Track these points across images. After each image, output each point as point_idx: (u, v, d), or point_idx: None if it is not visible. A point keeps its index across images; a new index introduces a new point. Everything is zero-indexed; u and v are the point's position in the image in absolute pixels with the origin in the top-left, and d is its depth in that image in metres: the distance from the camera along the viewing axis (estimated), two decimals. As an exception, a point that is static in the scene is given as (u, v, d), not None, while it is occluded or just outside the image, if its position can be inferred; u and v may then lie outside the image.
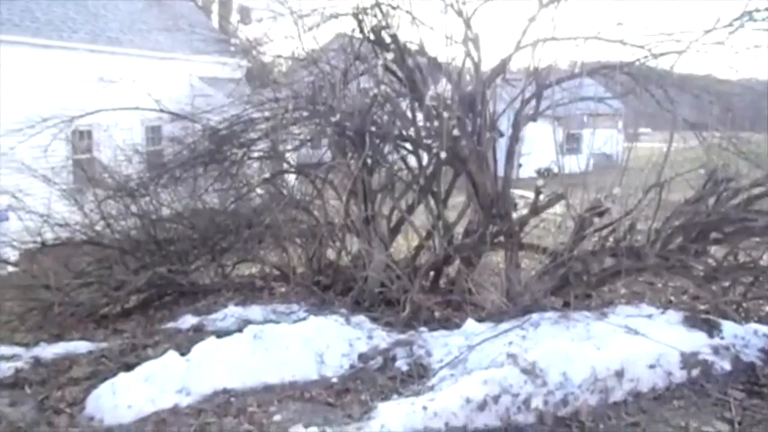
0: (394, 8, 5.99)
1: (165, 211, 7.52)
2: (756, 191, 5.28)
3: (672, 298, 6.24)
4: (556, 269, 5.46)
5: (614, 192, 5.33)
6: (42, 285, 6.74)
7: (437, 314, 5.78)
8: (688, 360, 4.23)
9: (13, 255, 8.15)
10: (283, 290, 6.77)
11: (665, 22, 6.36)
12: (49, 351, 5.28)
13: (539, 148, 7.58)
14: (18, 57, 12.65)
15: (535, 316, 4.80)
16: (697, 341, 4.41)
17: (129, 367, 4.45)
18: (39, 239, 7.20)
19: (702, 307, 5.51)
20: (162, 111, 7.86)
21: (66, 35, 14.17)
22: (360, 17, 6.05)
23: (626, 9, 5.97)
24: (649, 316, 4.84)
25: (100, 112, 7.84)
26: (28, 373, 4.75)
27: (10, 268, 8.47)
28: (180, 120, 8.08)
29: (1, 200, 9.56)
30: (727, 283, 5.53)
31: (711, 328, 4.59)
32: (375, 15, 6.00)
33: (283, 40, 7.40)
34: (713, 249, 5.55)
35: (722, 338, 4.49)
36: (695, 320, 4.74)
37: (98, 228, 7.28)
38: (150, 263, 6.95)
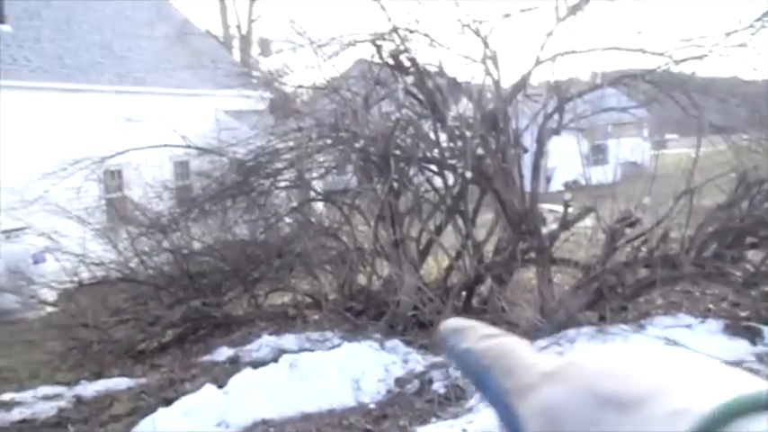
0: (411, 32, 6.05)
1: (197, 245, 7.61)
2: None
3: (710, 306, 6.10)
4: (589, 283, 5.40)
5: (644, 201, 5.27)
6: (81, 324, 6.85)
7: (472, 334, 5.72)
8: (732, 369, 4.13)
9: (51, 295, 8.30)
10: (316, 317, 6.78)
11: (684, 28, 6.34)
12: (90, 389, 5.37)
13: (565, 160, 7.53)
14: (50, 102, 13.01)
15: (571, 332, 4.75)
16: (739, 349, 4.31)
17: (168, 402, 4.49)
18: (75, 279, 7.32)
19: (743, 314, 5.38)
20: (189, 146, 7.99)
21: (94, 78, 14.51)
22: (378, 43, 6.12)
23: (644, 17, 5.96)
24: (688, 326, 4.76)
25: (129, 151, 7.99)
26: (71, 412, 4.83)
27: (49, 309, 8.63)
28: (207, 154, 8.21)
29: (38, 242, 9.79)
30: (767, 288, 5.40)
31: (754, 336, 4.49)
32: (393, 40, 6.07)
33: (304, 69, 7.53)
34: (750, 254, 5.43)
35: (766, 345, 4.39)
36: (736, 328, 4.64)
37: (132, 265, 7.39)
38: (184, 297, 7.02)
